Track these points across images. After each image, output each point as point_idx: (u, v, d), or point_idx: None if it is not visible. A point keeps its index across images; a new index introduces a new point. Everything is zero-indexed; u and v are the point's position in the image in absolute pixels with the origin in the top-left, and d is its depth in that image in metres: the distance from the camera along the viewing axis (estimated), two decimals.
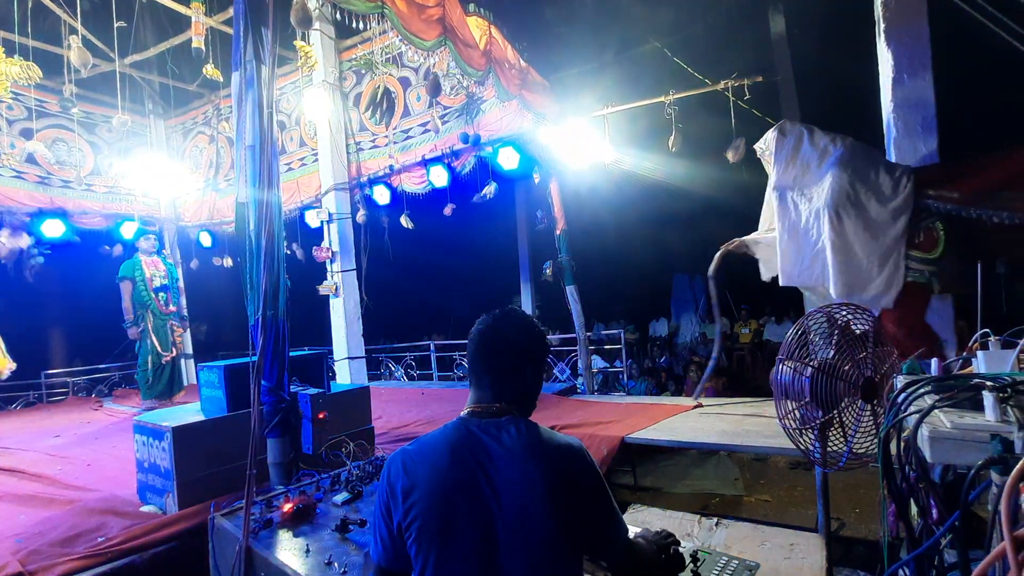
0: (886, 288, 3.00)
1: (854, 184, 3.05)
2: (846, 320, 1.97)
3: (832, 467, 1.94)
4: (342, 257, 6.05)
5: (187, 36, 5.10)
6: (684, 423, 3.84)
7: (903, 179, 3.00)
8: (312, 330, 6.84)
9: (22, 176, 6.62)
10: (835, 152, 3.12)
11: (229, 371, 2.81)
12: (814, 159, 3.19)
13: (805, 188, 3.22)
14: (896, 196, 2.98)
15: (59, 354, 9.46)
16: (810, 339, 2.06)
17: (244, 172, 2.67)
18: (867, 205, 3.03)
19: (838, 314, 2.00)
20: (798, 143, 3.26)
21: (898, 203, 2.97)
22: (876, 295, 3.01)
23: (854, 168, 3.07)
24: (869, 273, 3.04)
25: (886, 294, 2.99)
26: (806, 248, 3.22)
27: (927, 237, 2.99)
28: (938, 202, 2.94)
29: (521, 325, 1.32)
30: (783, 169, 3.32)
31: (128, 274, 5.74)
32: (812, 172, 3.19)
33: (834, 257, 3.07)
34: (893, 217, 2.98)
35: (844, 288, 3.07)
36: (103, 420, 5.52)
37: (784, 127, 3.34)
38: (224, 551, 1.97)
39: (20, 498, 2.94)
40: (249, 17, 2.67)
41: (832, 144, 3.16)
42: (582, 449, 1.27)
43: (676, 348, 10.61)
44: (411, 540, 1.13)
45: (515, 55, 4.83)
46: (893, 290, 2.97)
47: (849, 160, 3.08)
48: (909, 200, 2.96)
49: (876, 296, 3.02)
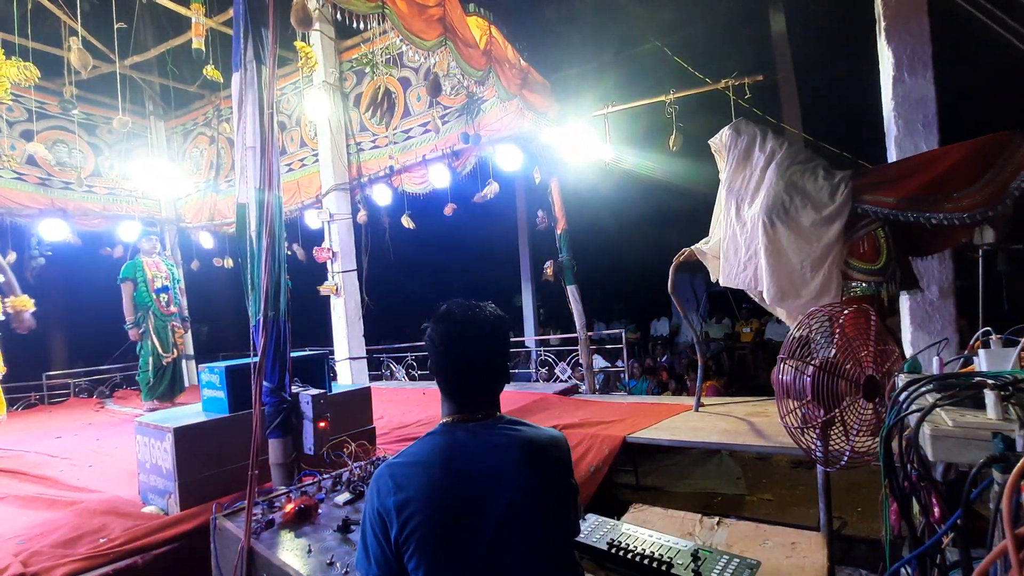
0: (820, 293, 3.00)
1: (790, 191, 3.07)
2: (848, 319, 1.97)
3: (834, 466, 1.94)
4: (343, 257, 6.05)
5: (187, 37, 5.10)
6: (686, 422, 3.84)
7: (840, 185, 3.03)
8: (313, 331, 6.84)
9: (23, 178, 6.63)
10: (780, 156, 3.14)
11: (231, 372, 2.81)
12: (761, 162, 3.21)
13: (749, 190, 3.25)
14: (832, 202, 3.00)
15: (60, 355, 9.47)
16: (811, 338, 2.06)
17: (245, 173, 2.67)
18: (801, 212, 3.04)
19: (840, 313, 2.00)
20: (751, 145, 3.28)
21: (833, 209, 2.99)
22: (809, 300, 3.02)
23: (791, 175, 3.10)
24: (803, 278, 3.05)
25: (819, 299, 2.99)
26: (742, 251, 3.25)
27: (870, 246, 3.01)
28: (875, 207, 2.97)
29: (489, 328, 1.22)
30: (733, 169, 3.34)
31: (130, 275, 5.71)
32: (756, 176, 3.22)
33: (767, 262, 3.09)
34: (827, 223, 3.00)
35: (777, 293, 3.09)
36: (104, 421, 5.52)
37: (739, 126, 3.35)
38: (226, 552, 1.97)
39: (22, 499, 2.94)
40: (249, 18, 2.67)
41: (778, 148, 3.18)
42: (565, 441, 1.28)
43: (677, 347, 10.61)
44: (409, 554, 1.09)
45: (515, 55, 4.83)
46: (827, 296, 2.99)
47: (788, 167, 3.11)
48: (845, 206, 2.99)
49: (809, 302, 3.03)
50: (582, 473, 3.27)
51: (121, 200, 7.60)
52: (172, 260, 6.68)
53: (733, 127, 3.36)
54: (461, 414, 1.23)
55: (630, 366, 7.10)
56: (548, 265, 5.67)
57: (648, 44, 5.97)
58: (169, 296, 5.91)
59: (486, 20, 4.42)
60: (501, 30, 4.60)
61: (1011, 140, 2.78)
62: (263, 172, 2.59)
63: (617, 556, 1.74)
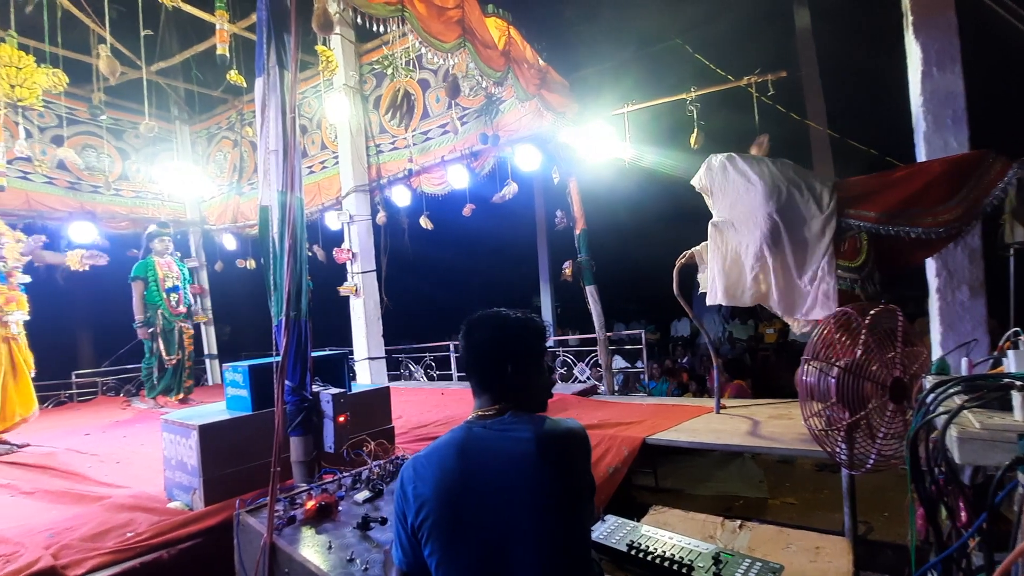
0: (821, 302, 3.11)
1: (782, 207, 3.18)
2: (874, 319, 1.93)
3: (859, 469, 1.90)
4: (362, 258, 6.11)
5: (211, 43, 5.20)
6: (706, 424, 3.79)
7: (824, 195, 3.14)
8: (333, 331, 6.92)
9: (53, 182, 6.84)
10: (756, 178, 3.25)
11: (254, 371, 2.85)
12: (741, 186, 3.32)
13: (739, 215, 3.36)
14: (822, 212, 3.12)
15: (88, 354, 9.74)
16: (836, 338, 2.02)
17: (267, 176, 2.71)
18: (796, 226, 3.16)
19: (866, 313, 1.95)
20: (724, 173, 3.40)
21: (823, 220, 3.11)
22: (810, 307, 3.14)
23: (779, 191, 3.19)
24: (806, 289, 3.17)
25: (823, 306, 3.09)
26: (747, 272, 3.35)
27: (850, 246, 3.13)
28: (858, 221, 3.08)
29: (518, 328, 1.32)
30: (717, 200, 3.48)
31: (141, 274, 5.81)
32: (742, 199, 3.32)
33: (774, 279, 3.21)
34: (820, 234, 3.12)
35: (786, 306, 3.21)
36: (131, 419, 5.65)
37: (710, 162, 3.48)
38: (249, 547, 2.00)
39: (52, 494, 3.02)
40: (272, 24, 2.71)
41: (751, 169, 3.28)
42: (584, 433, 1.29)
43: (698, 348, 10.49)
44: (424, 540, 1.16)
45: (534, 55, 4.83)
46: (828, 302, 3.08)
47: (773, 184, 3.21)
48: (833, 216, 3.10)
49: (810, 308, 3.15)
50: (601, 474, 3.25)
51: (147, 203, 7.79)
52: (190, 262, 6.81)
53: (705, 164, 3.50)
54: (484, 410, 1.29)
55: (650, 367, 7.04)
56: (567, 265, 5.65)
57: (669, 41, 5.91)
58: (179, 296, 5.99)
59: (505, 21, 4.43)
60: (520, 30, 4.60)
61: (983, 159, 2.92)
62: (285, 175, 2.63)
63: (637, 558, 1.73)
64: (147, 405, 6.11)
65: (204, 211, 8.46)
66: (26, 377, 4.38)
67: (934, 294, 3.59)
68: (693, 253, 3.85)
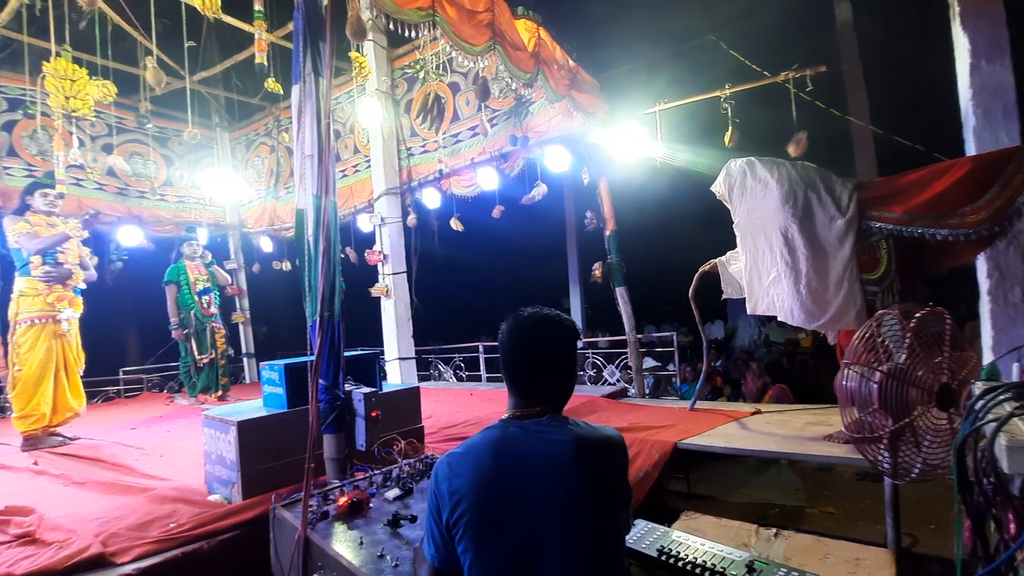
0: (844, 308, 3.01)
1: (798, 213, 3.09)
2: (920, 322, 1.85)
3: (903, 479, 1.82)
4: (393, 260, 6.20)
5: (250, 52, 5.37)
6: (741, 430, 3.71)
7: (844, 198, 3.03)
8: (364, 331, 7.04)
9: (103, 188, 7.19)
10: (775, 184, 3.17)
11: (289, 370, 2.93)
12: (759, 192, 3.25)
13: (756, 221, 3.30)
14: (843, 216, 3.01)
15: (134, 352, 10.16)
16: (879, 342, 1.95)
17: (303, 180, 2.78)
18: (815, 231, 3.07)
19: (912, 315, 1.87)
20: (743, 179, 3.33)
21: (844, 224, 3.00)
22: (834, 316, 3.04)
23: (796, 196, 3.11)
24: (826, 297, 3.06)
25: (845, 315, 3.01)
26: (764, 278, 3.31)
27: (870, 256, 3.02)
28: (880, 223, 2.96)
29: (558, 329, 1.30)
30: (737, 206, 3.41)
31: (173, 278, 6.10)
32: (760, 205, 3.26)
33: (791, 287, 3.12)
34: (840, 239, 3.01)
35: (806, 316, 3.11)
36: (173, 414, 5.88)
37: (729, 167, 3.41)
38: (284, 540, 2.06)
39: (102, 485, 3.16)
40: (308, 32, 2.79)
41: (770, 174, 3.20)
42: (622, 441, 1.28)
43: (732, 351, 10.26)
44: (458, 538, 1.16)
45: (564, 55, 4.81)
46: (852, 310, 2.99)
47: (790, 189, 3.12)
48: (854, 220, 2.99)
49: (834, 317, 3.05)
50: (631, 478, 3.20)
51: (190, 207, 8.10)
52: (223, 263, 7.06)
53: (724, 169, 3.44)
54: (521, 409, 1.29)
55: (682, 370, 6.91)
56: (597, 267, 5.61)
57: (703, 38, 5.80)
58: (210, 298, 6.27)
59: (535, 22, 4.44)
60: (550, 31, 4.60)
61: (1016, 154, 2.74)
62: (320, 179, 2.69)
63: (667, 563, 1.70)
64: (188, 402, 6.37)
65: (242, 215, 8.74)
66: (76, 374, 4.61)
67: (985, 296, 3.41)
68: (716, 263, 3.84)
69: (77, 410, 4.61)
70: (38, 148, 6.61)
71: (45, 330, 4.35)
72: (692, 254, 4.13)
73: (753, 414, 4.13)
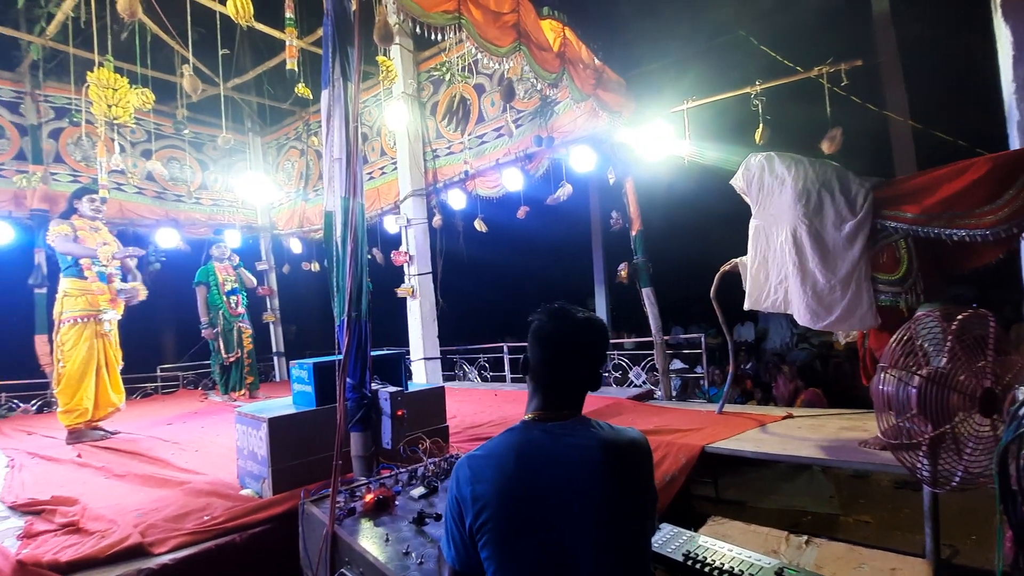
0: (851, 309, 2.98)
1: (809, 212, 3.07)
2: (962, 325, 1.77)
3: (943, 487, 1.75)
4: (419, 260, 6.26)
5: (281, 58, 5.52)
6: (772, 434, 3.62)
7: (859, 198, 2.99)
8: (391, 331, 7.13)
9: (143, 192, 7.49)
10: (790, 181, 3.14)
11: (318, 368, 2.99)
12: (775, 188, 3.23)
13: (770, 217, 3.29)
14: (854, 217, 2.97)
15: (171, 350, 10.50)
16: (918, 345, 1.87)
17: (332, 182, 2.83)
18: (824, 231, 3.04)
19: (952, 317, 1.80)
20: (760, 175, 3.31)
21: (854, 225, 2.96)
22: (840, 317, 3.01)
23: (809, 195, 3.08)
24: (832, 298, 3.03)
25: (851, 316, 2.97)
26: (772, 275, 3.30)
27: (889, 257, 2.97)
28: (895, 223, 2.91)
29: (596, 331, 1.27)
30: (755, 201, 3.40)
31: (203, 279, 6.32)
32: (775, 201, 3.25)
33: (798, 286, 3.10)
34: (850, 240, 2.97)
35: (810, 316, 3.09)
36: (207, 410, 6.05)
37: (749, 161, 3.39)
38: (312, 535, 2.10)
39: (140, 477, 3.28)
40: (336, 38, 2.84)
41: (788, 171, 3.17)
42: (647, 444, 1.25)
43: (763, 354, 10.02)
44: (482, 543, 1.13)
45: (589, 55, 4.79)
46: (859, 311, 2.95)
47: (804, 187, 3.10)
48: (866, 221, 2.95)
49: (840, 318, 3.01)
50: (657, 482, 3.15)
51: (224, 210, 8.35)
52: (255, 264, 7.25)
53: (744, 164, 3.42)
54: (544, 411, 1.26)
55: (711, 372, 6.78)
56: (623, 267, 5.55)
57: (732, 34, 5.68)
58: (238, 299, 6.47)
59: (560, 22, 4.42)
60: (575, 31, 4.58)
61: None
62: (348, 181, 2.74)
63: (693, 568, 1.67)
64: (221, 399, 6.56)
65: (273, 217, 8.96)
66: (116, 371, 4.80)
67: None
68: (737, 263, 3.80)
69: (117, 405, 4.80)
70: (82, 154, 6.91)
71: (87, 329, 4.54)
72: (721, 254, 4.04)
73: (784, 418, 4.03)
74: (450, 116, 6.41)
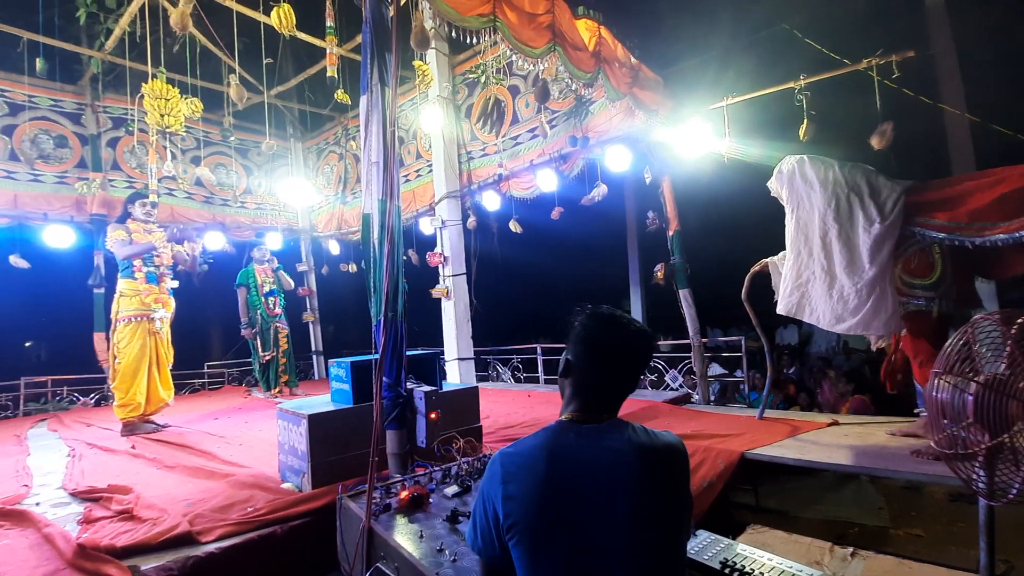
0: (873, 315, 2.93)
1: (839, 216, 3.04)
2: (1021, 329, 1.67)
3: (1000, 500, 1.66)
4: (453, 262, 6.32)
5: (322, 66, 5.68)
6: (817, 441, 3.50)
7: (888, 203, 2.93)
8: (426, 331, 7.22)
9: (192, 197, 7.86)
10: (819, 186, 3.13)
11: (355, 367, 3.06)
12: (805, 192, 3.22)
13: (799, 221, 3.27)
14: (883, 222, 2.91)
15: (218, 348, 10.95)
16: (975, 350, 1.78)
17: (369, 186, 2.89)
18: (853, 237, 3.00)
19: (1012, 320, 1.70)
20: (791, 178, 3.30)
21: (882, 229, 2.91)
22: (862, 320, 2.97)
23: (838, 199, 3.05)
24: (858, 301, 2.98)
25: (875, 319, 2.92)
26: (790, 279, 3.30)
27: (921, 261, 2.93)
28: (925, 229, 2.86)
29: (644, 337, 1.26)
30: (787, 204, 3.39)
31: (244, 281, 6.59)
32: (804, 205, 3.23)
33: (824, 290, 3.09)
34: (877, 244, 2.92)
35: (834, 319, 3.06)
36: (250, 406, 6.28)
37: (782, 165, 3.39)
38: (349, 529, 2.15)
39: (189, 469, 3.43)
40: (375, 45, 2.90)
41: (816, 176, 3.15)
42: (684, 448, 1.23)
43: (807, 358, 9.68)
44: (513, 542, 1.13)
45: (625, 53, 4.73)
46: (884, 314, 2.89)
47: (833, 192, 3.07)
48: (895, 226, 2.90)
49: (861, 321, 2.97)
50: (694, 487, 3.09)
51: (267, 213, 8.65)
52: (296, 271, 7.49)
53: (778, 168, 3.42)
54: (581, 413, 1.24)
55: (751, 377, 6.60)
56: (659, 268, 5.47)
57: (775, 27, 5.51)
58: (276, 300, 6.70)
59: (595, 21, 4.39)
60: (611, 29, 4.53)
61: None
62: (385, 184, 2.79)
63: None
64: (264, 395, 6.80)
65: (313, 219, 9.22)
66: (166, 367, 5.04)
67: None
68: (768, 263, 3.78)
69: (167, 400, 5.04)
70: (136, 162, 7.29)
71: (141, 327, 4.78)
72: (763, 254, 3.93)
73: (830, 425, 3.88)
74: (484, 118, 6.45)
